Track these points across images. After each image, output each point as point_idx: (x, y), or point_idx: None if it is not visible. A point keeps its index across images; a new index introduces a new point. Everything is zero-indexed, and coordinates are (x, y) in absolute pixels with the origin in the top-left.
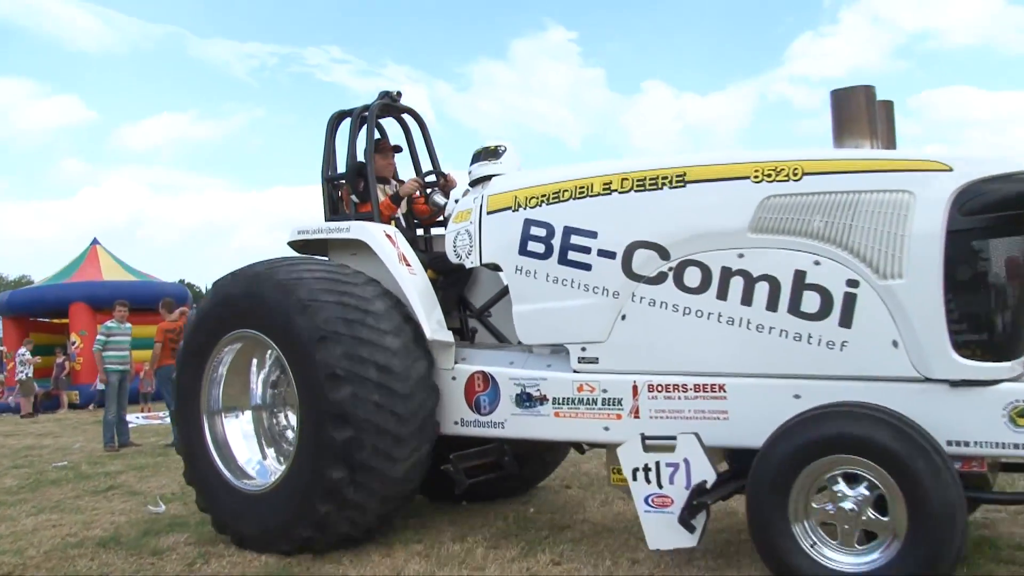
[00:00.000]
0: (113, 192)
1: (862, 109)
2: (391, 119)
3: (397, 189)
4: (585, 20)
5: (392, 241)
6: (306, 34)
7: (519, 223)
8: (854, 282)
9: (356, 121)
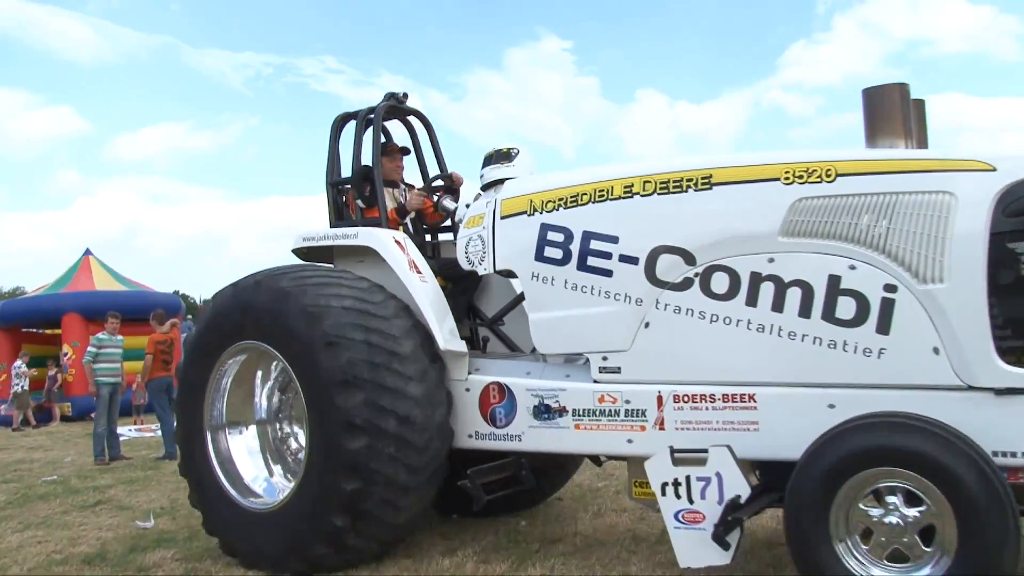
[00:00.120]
0: (108, 202)
1: (896, 107)
2: (396, 122)
3: (405, 201)
4: (579, 29)
5: (402, 248)
6: (301, 44)
7: (535, 228)
8: (892, 287)
9: (361, 124)
